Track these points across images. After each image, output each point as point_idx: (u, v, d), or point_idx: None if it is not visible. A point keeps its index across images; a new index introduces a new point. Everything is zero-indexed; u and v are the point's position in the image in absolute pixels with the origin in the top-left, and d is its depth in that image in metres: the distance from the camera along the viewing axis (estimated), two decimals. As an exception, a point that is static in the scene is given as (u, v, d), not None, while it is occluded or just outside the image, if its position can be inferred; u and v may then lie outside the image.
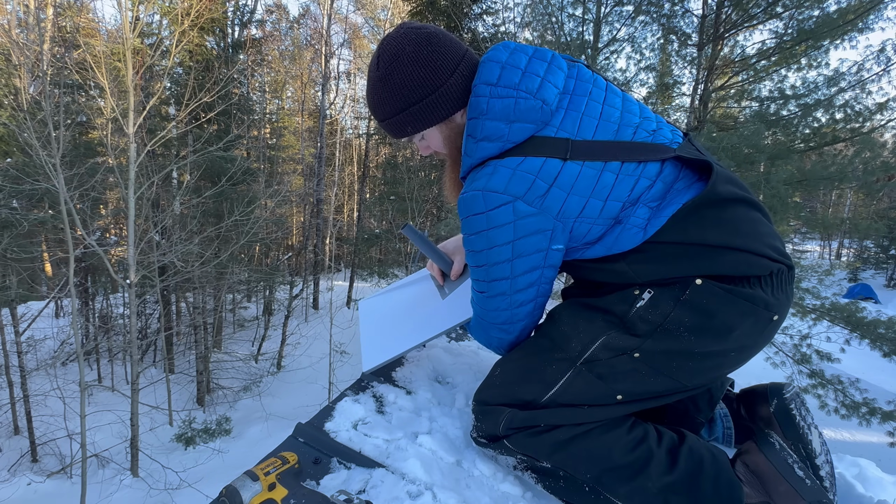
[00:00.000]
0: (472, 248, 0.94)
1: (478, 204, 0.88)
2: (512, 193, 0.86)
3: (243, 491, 0.79)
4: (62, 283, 9.17)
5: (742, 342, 0.86)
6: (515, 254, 0.90)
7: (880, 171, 5.49)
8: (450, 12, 10.46)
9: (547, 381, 0.92)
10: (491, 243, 0.90)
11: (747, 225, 0.88)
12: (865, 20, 5.68)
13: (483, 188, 0.88)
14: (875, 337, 5.72)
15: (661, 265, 0.87)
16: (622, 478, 0.86)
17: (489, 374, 1.04)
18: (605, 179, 0.88)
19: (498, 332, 1.04)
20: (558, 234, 0.89)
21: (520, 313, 0.99)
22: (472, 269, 1.00)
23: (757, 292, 0.84)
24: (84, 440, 6.36)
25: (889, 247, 21.57)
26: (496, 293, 0.96)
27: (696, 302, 0.84)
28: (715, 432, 1.12)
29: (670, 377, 0.87)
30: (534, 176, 0.86)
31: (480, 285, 0.98)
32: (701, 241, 0.85)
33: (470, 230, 0.92)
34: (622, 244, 0.88)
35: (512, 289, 0.95)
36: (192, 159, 8.66)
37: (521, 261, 0.91)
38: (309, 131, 20.10)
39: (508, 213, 0.87)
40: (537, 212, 0.87)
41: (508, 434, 0.94)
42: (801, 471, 0.86)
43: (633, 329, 0.88)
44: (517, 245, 0.89)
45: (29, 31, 10.20)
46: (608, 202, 0.88)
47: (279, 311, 13.58)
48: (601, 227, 0.90)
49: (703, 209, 0.86)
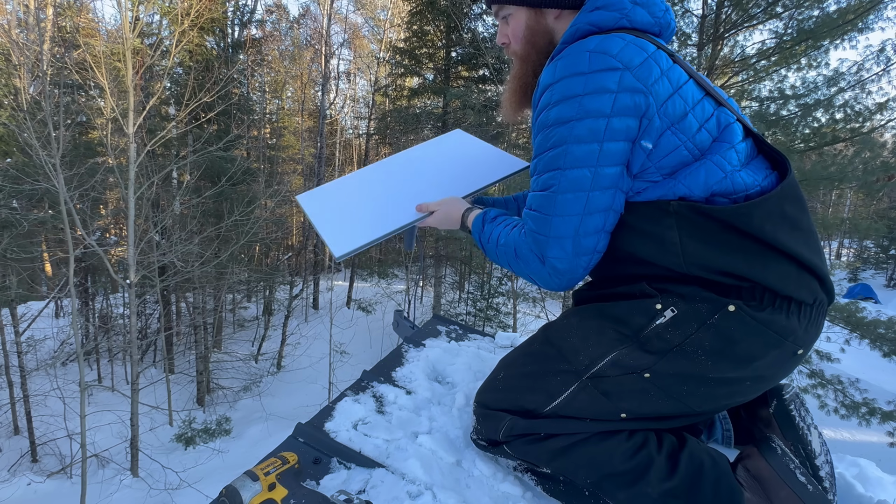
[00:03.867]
0: (554, 121, 0.80)
1: (581, 63, 0.78)
2: (624, 62, 0.77)
3: (243, 491, 0.79)
4: (62, 283, 9.17)
5: (761, 372, 0.82)
6: (607, 135, 0.77)
7: (880, 171, 5.50)
8: (450, 12, 10.44)
9: (550, 393, 0.90)
10: (582, 112, 0.77)
11: (815, 240, 0.80)
12: (865, 20, 5.68)
13: (593, 49, 0.78)
14: (875, 337, 5.73)
15: (714, 252, 0.77)
16: (622, 484, 0.85)
17: (492, 375, 1.03)
18: (705, 106, 0.81)
19: (556, 250, 0.83)
20: (654, 128, 0.78)
21: (590, 225, 0.81)
22: (541, 156, 0.84)
23: (791, 323, 0.77)
24: (84, 440, 6.36)
25: (889, 247, 21.56)
26: (572, 187, 0.80)
27: (722, 327, 0.77)
28: (714, 434, 1.12)
29: (679, 401, 0.84)
30: (648, 55, 0.78)
31: (548, 178, 0.82)
32: (769, 238, 0.75)
33: (559, 95, 0.80)
34: (696, 183, 0.78)
35: (593, 184, 0.79)
36: (192, 159, 8.66)
37: (611, 147, 0.78)
38: (309, 131, 20.09)
39: (613, 80, 0.76)
40: (645, 90, 0.76)
41: (508, 440, 0.93)
42: (804, 476, 0.85)
43: (647, 346, 0.82)
44: (612, 123, 0.77)
45: (29, 31, 10.19)
46: (702, 129, 0.79)
47: (279, 311, 13.57)
48: (686, 154, 0.79)
49: (785, 203, 0.78)
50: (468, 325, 1.77)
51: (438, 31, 11.51)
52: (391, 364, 1.39)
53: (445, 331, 1.69)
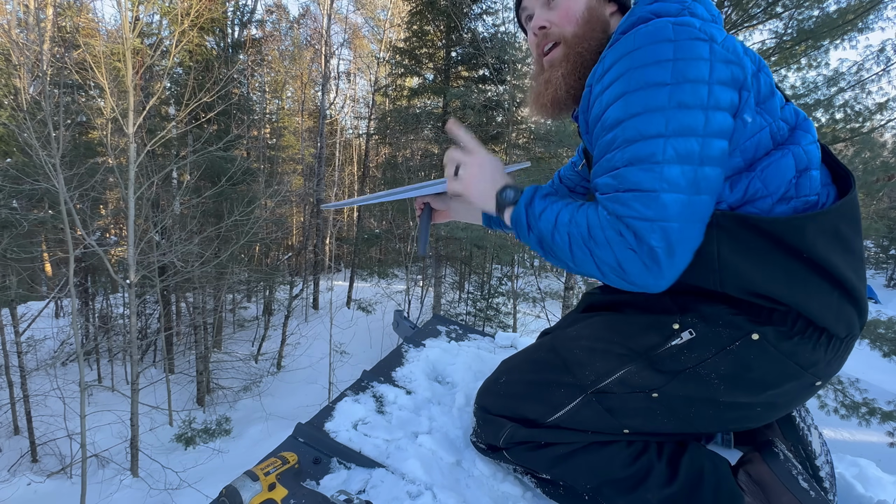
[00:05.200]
0: (641, 84, 0.67)
1: (665, 30, 0.69)
2: (709, 34, 0.69)
3: (243, 491, 0.79)
4: (62, 283, 9.17)
5: (774, 400, 0.78)
6: (712, 102, 0.66)
7: (880, 171, 5.49)
8: (450, 12, 10.44)
9: (553, 404, 0.89)
10: (679, 76, 0.66)
11: (863, 267, 0.75)
12: (865, 20, 5.68)
13: (673, 20, 0.70)
14: (875, 337, 5.73)
15: (757, 271, 0.69)
16: (622, 490, 0.85)
17: (494, 377, 1.02)
18: (778, 95, 0.75)
19: (659, 237, 0.63)
20: (751, 104, 0.70)
21: (699, 209, 0.66)
22: (622, 124, 0.68)
23: (816, 356, 0.72)
24: (84, 440, 6.36)
25: (889, 247, 21.57)
26: (679, 158, 0.64)
27: (741, 354, 0.73)
28: (714, 436, 1.12)
29: (685, 422, 0.82)
30: (726, 34, 0.71)
31: (641, 147, 0.66)
32: (820, 258, 0.68)
33: (643, 60, 0.68)
34: (774, 178, 0.70)
35: (702, 158, 0.65)
36: (192, 159, 8.66)
37: (718, 117, 0.66)
38: (309, 131, 20.09)
39: (705, 49, 0.68)
40: (737, 61, 0.69)
41: (508, 447, 0.93)
42: (806, 482, 0.84)
43: (658, 365, 0.79)
44: (714, 91, 0.66)
45: (29, 31, 10.19)
46: (779, 119, 0.73)
47: (279, 311, 13.58)
48: (768, 139, 0.71)
49: (841, 222, 0.71)
50: (468, 325, 1.77)
51: (438, 31, 11.51)
52: (391, 364, 1.39)
53: (445, 331, 1.69)
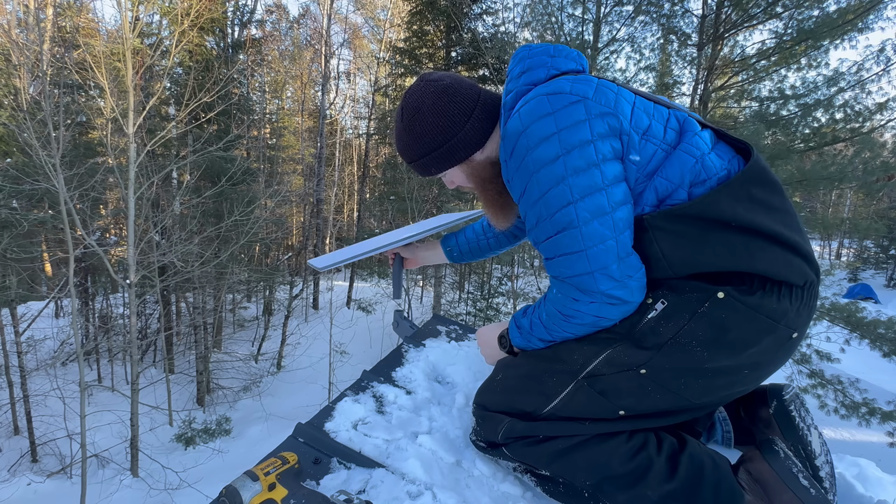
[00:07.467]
0: (539, 164, 0.79)
1: (542, 106, 0.80)
2: (580, 94, 0.79)
3: (243, 491, 0.79)
4: (62, 283, 9.16)
5: (757, 359, 0.82)
6: (600, 157, 0.78)
7: (880, 170, 5.49)
8: (450, 12, 10.44)
9: (547, 394, 0.90)
10: (566, 146, 0.77)
11: (793, 218, 0.81)
12: (865, 20, 5.68)
13: (546, 92, 0.81)
14: (875, 337, 5.73)
15: (699, 253, 0.78)
16: (621, 486, 0.85)
17: (491, 376, 1.03)
18: (660, 110, 0.85)
19: (606, 282, 0.79)
20: (634, 143, 0.80)
21: (626, 243, 0.80)
22: (538, 201, 0.82)
23: (783, 306, 0.78)
24: (84, 440, 6.36)
25: (889, 247, 21.58)
26: (593, 214, 0.78)
27: (713, 315, 0.78)
28: (714, 435, 1.12)
29: (678, 394, 0.84)
30: (597, 82, 0.82)
31: (561, 217, 0.80)
32: (750, 223, 0.76)
33: (535, 139, 0.79)
34: (672, 172, 0.80)
35: (611, 204, 0.78)
36: (192, 159, 8.65)
37: (609, 167, 0.79)
38: (309, 131, 20.10)
39: (580, 111, 0.78)
40: (612, 112, 0.79)
41: (507, 443, 0.93)
42: (806, 480, 0.84)
43: (642, 342, 0.83)
44: (598, 147, 0.78)
45: (29, 31, 10.19)
46: (667, 129, 0.83)
47: (279, 311, 13.57)
48: (662, 154, 0.81)
49: (751, 186, 0.78)
50: (468, 325, 1.77)
51: (438, 31, 11.50)
52: (391, 364, 1.39)
53: (445, 331, 1.69)
